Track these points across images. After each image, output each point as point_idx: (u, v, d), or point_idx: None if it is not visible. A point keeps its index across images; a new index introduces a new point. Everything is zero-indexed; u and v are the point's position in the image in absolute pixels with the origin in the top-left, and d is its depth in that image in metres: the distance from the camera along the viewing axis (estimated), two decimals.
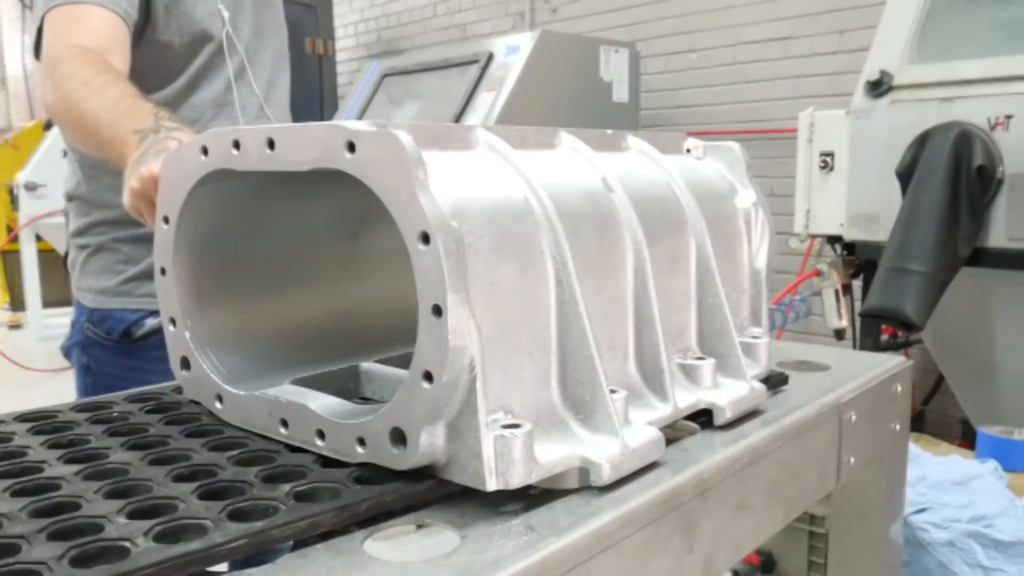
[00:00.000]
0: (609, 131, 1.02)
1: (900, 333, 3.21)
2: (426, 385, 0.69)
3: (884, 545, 1.32)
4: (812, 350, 1.34)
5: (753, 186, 1.11)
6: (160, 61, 1.56)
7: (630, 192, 0.92)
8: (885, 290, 2.59)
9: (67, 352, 1.71)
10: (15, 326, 8.11)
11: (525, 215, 0.78)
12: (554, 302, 0.79)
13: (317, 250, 1.05)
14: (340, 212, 1.07)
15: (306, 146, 0.76)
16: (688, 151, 1.13)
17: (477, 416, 0.70)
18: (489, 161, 0.81)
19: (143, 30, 1.52)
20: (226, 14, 1.59)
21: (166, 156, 0.91)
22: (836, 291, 3.02)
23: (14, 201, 7.47)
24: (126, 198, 1.16)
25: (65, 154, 1.68)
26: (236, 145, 0.82)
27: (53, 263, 7.62)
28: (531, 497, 0.75)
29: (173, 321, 0.94)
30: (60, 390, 5.42)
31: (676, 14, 4.83)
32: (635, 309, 0.90)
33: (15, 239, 7.44)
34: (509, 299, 0.75)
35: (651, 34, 4.94)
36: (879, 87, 2.86)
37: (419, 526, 0.72)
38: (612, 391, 0.80)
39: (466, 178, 0.76)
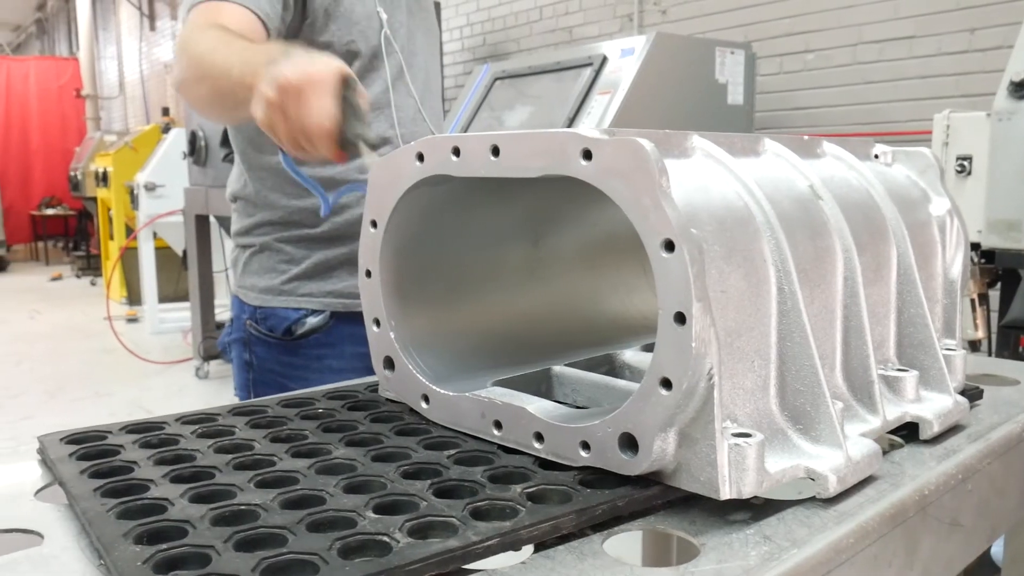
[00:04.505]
0: (805, 136, 1.00)
1: None
2: (663, 392, 0.70)
3: None
4: (990, 363, 1.29)
5: (947, 193, 1.08)
6: None
7: (836, 199, 0.90)
8: None
9: (225, 348, 1.77)
10: (132, 320, 8.49)
11: (748, 222, 0.78)
12: (775, 310, 0.78)
13: (504, 253, 1.07)
14: (523, 216, 1.09)
15: (535, 153, 0.77)
16: (876, 156, 1.11)
17: (712, 424, 0.70)
18: (708, 168, 0.81)
19: (301, 32, 1.55)
20: (384, 16, 1.62)
21: (377, 162, 0.93)
22: (972, 300, 2.89)
23: (134, 201, 7.82)
24: (259, 112, 1.13)
25: (183, 156, 1.73)
26: (456, 152, 0.84)
27: (168, 260, 7.97)
28: (755, 507, 0.75)
29: (377, 322, 0.97)
30: (177, 381, 5.67)
31: (792, 14, 4.72)
32: (843, 318, 0.88)
33: (135, 237, 7.78)
34: (736, 307, 0.75)
35: (765, 35, 4.84)
36: None
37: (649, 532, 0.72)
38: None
39: (693, 185, 0.76)
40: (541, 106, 4.34)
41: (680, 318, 0.68)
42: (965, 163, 2.92)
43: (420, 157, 0.88)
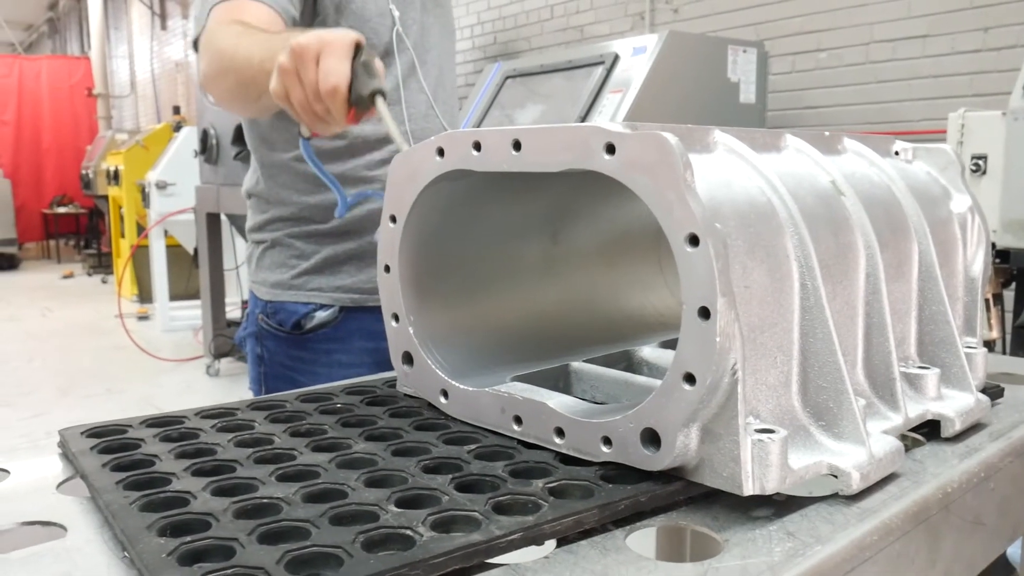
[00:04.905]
0: (826, 132, 1.00)
1: None
2: (687, 387, 0.69)
3: None
4: (1008, 361, 1.28)
5: (969, 190, 1.07)
6: None
7: (858, 195, 0.90)
8: None
9: (241, 342, 1.78)
10: (143, 317, 8.52)
11: (771, 217, 0.77)
12: (798, 306, 0.78)
13: (522, 249, 1.07)
14: (542, 212, 1.08)
15: (557, 148, 0.77)
16: (896, 153, 1.10)
17: (736, 420, 0.69)
18: (730, 163, 0.81)
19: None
20: (396, 13, 1.62)
21: (397, 156, 0.93)
22: (987, 300, 2.88)
23: (145, 199, 7.84)
24: (274, 81, 1.14)
25: (195, 154, 1.73)
26: (476, 147, 0.84)
27: (179, 258, 8.00)
28: (777, 503, 0.74)
29: (396, 317, 0.97)
30: (187, 378, 5.70)
31: (804, 12, 4.71)
32: (865, 315, 0.88)
33: (146, 235, 7.81)
34: (759, 302, 0.74)
35: (777, 33, 4.83)
36: None
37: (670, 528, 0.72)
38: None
39: (716, 180, 0.76)
40: (552, 105, 4.34)
41: (704, 313, 0.67)
42: (980, 162, 2.91)
43: (440, 152, 0.88)
